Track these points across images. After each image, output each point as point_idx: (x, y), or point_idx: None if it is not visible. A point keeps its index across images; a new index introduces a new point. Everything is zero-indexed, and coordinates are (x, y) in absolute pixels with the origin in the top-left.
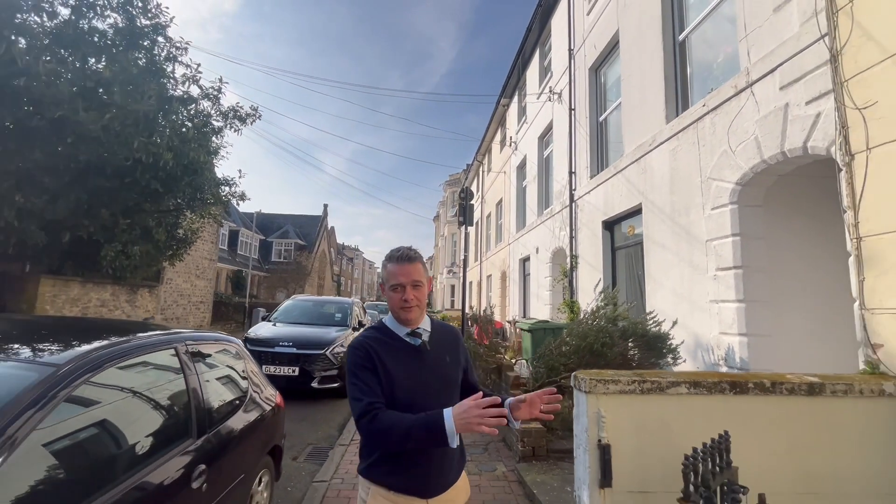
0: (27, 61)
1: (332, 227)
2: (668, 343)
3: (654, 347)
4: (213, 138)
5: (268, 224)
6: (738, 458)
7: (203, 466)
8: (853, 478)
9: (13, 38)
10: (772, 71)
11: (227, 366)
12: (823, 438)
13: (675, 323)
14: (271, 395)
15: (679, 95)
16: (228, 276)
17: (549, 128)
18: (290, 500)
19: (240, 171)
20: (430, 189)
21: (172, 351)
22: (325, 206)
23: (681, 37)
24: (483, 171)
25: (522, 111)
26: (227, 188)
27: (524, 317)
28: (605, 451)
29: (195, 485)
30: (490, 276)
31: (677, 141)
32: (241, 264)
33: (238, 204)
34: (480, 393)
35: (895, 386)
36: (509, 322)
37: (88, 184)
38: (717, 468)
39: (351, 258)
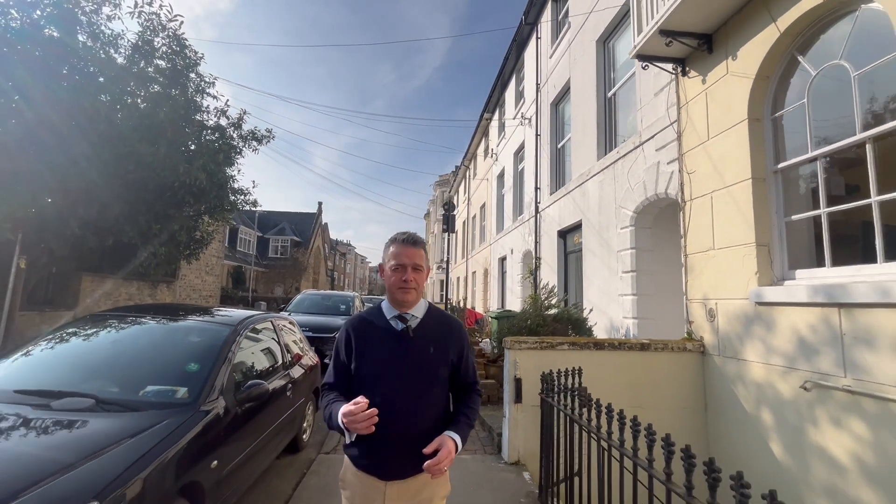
0: (107, 113)
1: (326, 224)
2: (587, 324)
3: (578, 327)
4: (233, 155)
5: (264, 221)
6: (595, 387)
7: (290, 385)
8: (666, 398)
9: (98, 95)
10: (652, 137)
11: (292, 334)
12: (649, 376)
13: (590, 310)
14: (312, 356)
15: (607, 139)
16: (229, 271)
17: (522, 146)
18: (322, 432)
19: (253, 181)
20: (422, 185)
21: (271, 322)
22: (320, 203)
23: (609, 94)
24: (469, 176)
25: (502, 127)
26: (242, 196)
27: (502, 308)
28: (518, 383)
29: (288, 394)
30: (475, 272)
31: (603, 175)
32: (240, 260)
33: (252, 209)
34: (364, 402)
35: (694, 345)
36: (487, 312)
37: (132, 197)
38: (571, 384)
39: (344, 253)
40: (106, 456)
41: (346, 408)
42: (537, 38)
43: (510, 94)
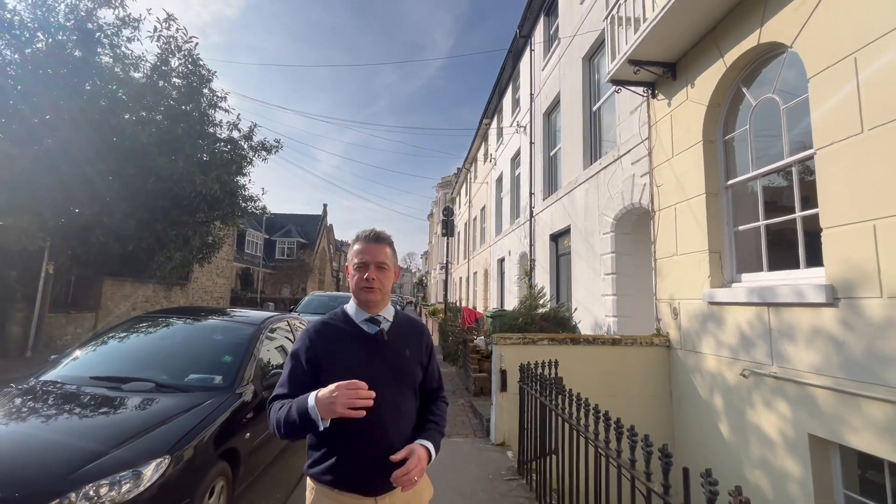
0: (132, 130)
1: (331, 225)
2: (572, 322)
3: (563, 325)
4: (244, 165)
5: (271, 223)
6: (572, 378)
7: None
8: (636, 387)
9: (123, 114)
10: (629, 151)
11: None
12: (620, 368)
13: (576, 309)
14: None
15: (592, 150)
16: (238, 273)
17: (518, 153)
18: None
19: (262, 188)
20: (426, 186)
21: (287, 322)
22: (325, 205)
23: (594, 108)
24: (471, 178)
25: (500, 133)
26: (252, 203)
27: (501, 307)
28: (503, 374)
29: None
30: (476, 272)
31: (588, 184)
32: (248, 262)
33: (261, 214)
34: (358, 382)
35: (661, 340)
36: (485, 311)
37: (151, 205)
38: (548, 374)
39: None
40: (170, 424)
41: (328, 388)
42: (531, 50)
43: (507, 101)
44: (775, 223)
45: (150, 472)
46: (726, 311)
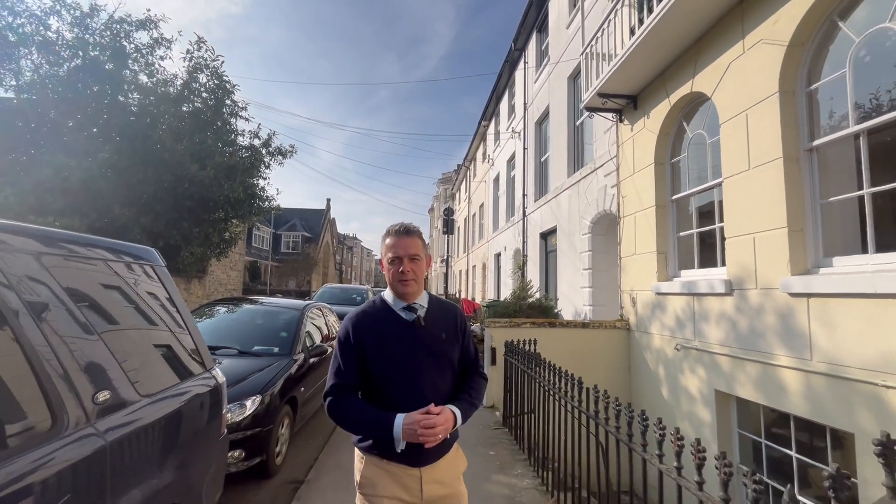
0: (170, 143)
1: (334, 219)
2: (555, 310)
3: (546, 312)
4: (262, 169)
5: (277, 218)
6: (548, 354)
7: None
8: (601, 362)
9: (160, 127)
10: (603, 165)
11: (332, 316)
12: (589, 346)
13: (557, 300)
14: None
15: (575, 160)
16: (246, 266)
17: (513, 156)
18: None
19: (277, 189)
20: (426, 181)
21: (318, 308)
22: (328, 200)
23: (577, 123)
24: (470, 176)
25: (497, 135)
26: (268, 203)
27: (498, 299)
28: (493, 351)
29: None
30: (475, 266)
31: (571, 191)
32: (255, 256)
33: (273, 213)
34: (432, 405)
35: (622, 324)
36: (482, 302)
37: (178, 206)
38: (527, 350)
39: (351, 247)
40: (255, 376)
41: (415, 416)
42: (524, 63)
43: (504, 106)
44: (703, 231)
45: (250, 405)
46: (668, 300)
